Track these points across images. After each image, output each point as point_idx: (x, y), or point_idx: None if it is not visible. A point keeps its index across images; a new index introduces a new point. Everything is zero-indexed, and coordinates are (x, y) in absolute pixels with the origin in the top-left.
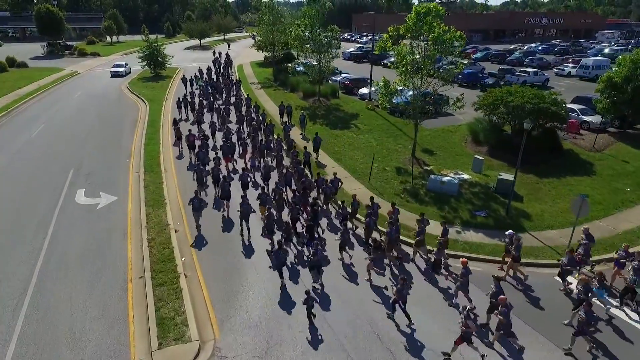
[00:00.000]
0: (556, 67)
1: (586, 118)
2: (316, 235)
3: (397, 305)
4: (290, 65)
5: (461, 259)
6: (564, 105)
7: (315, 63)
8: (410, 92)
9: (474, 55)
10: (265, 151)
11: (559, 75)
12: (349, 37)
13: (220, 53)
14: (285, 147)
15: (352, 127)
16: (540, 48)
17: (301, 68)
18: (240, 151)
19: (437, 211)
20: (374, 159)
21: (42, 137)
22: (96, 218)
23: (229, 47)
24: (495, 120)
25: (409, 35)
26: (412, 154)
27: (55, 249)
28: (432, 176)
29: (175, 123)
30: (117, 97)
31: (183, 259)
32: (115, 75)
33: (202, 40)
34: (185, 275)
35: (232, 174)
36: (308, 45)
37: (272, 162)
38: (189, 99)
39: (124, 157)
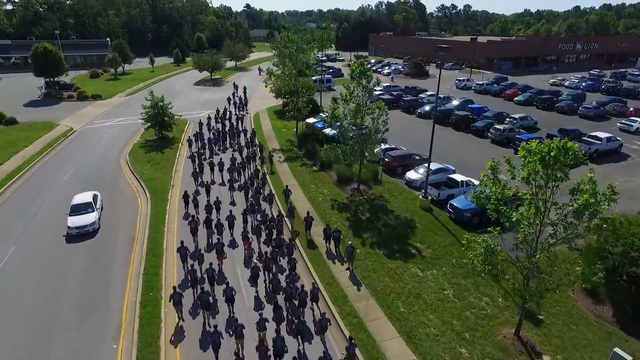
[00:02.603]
0: (619, 120)
1: None
2: None
3: None
4: (326, 148)
5: None
6: None
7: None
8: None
9: (516, 99)
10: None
11: (624, 132)
12: (370, 65)
13: (237, 87)
14: (287, 221)
15: (412, 252)
16: (584, 84)
17: (334, 132)
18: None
19: None
20: None
21: (3, 290)
22: None
23: (260, 72)
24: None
25: (528, 197)
26: (516, 333)
27: None
28: None
29: (186, 197)
30: (113, 182)
31: None
32: (78, 233)
33: (213, 72)
34: None
35: (222, 276)
36: (351, 135)
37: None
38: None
39: (111, 336)
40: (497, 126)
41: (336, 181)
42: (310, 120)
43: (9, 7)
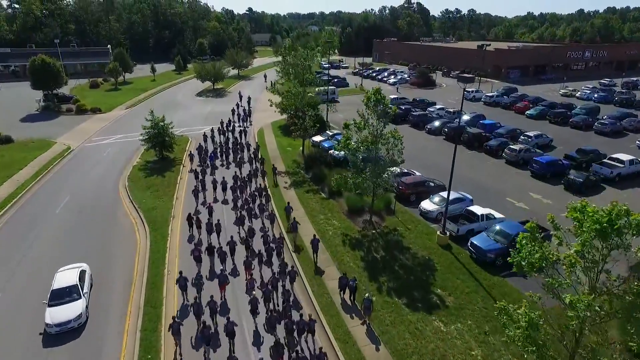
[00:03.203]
0: (637, 137)
1: None
2: None
3: None
4: (336, 177)
5: None
6: None
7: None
8: None
9: (528, 112)
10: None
11: None
12: (374, 74)
13: (241, 97)
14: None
15: (433, 301)
16: (596, 96)
17: (342, 154)
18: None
19: None
20: None
21: None
22: None
23: (265, 79)
24: None
25: (572, 260)
26: None
27: None
28: None
29: (190, 219)
30: (110, 212)
31: None
32: (59, 331)
33: (216, 82)
34: None
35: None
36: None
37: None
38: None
39: None
40: (512, 146)
41: (347, 211)
42: (317, 138)
43: (9, 10)
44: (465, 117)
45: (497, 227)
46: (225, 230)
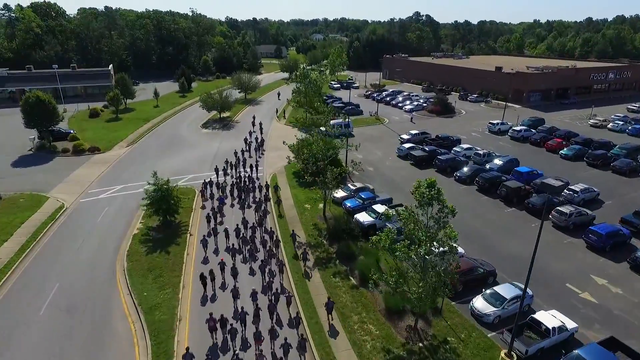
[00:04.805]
0: None
1: None
2: None
3: None
4: (374, 279)
5: None
6: None
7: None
8: None
9: (562, 152)
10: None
11: None
12: (387, 97)
13: (253, 123)
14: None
15: None
16: (630, 128)
17: (370, 221)
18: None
19: None
20: None
21: None
22: None
23: (279, 97)
24: None
25: None
26: None
27: None
28: None
29: (203, 278)
30: (105, 308)
31: None
32: None
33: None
34: None
35: None
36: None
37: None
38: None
39: None
40: (560, 208)
41: (384, 311)
42: (339, 194)
43: (8, 28)
44: (497, 162)
45: (578, 353)
46: (239, 286)
